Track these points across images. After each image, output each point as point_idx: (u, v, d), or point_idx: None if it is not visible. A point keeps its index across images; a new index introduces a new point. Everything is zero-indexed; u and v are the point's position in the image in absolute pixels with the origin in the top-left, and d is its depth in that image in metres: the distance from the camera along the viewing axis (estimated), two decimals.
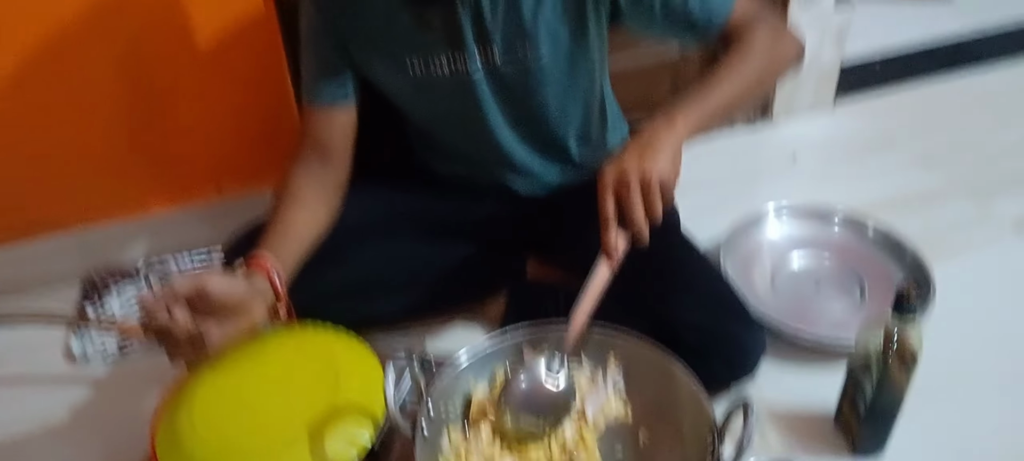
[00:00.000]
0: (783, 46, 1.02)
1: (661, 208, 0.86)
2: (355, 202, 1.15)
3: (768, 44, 0.99)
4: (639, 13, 1.01)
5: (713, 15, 1.00)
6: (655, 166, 0.84)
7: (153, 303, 0.86)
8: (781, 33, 1.02)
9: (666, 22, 1.01)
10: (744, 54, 0.97)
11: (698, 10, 1.00)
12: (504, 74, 1.05)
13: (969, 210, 1.53)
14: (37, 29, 1.21)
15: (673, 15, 1.00)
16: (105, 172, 1.38)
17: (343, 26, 1.05)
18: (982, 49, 2.14)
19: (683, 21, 1.00)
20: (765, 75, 1.00)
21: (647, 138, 0.88)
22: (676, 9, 0.99)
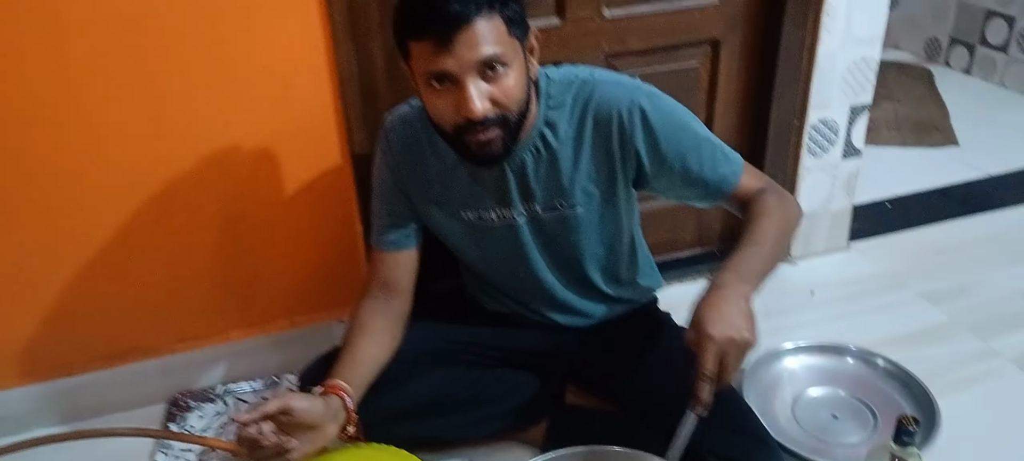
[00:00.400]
0: (790, 209, 1.20)
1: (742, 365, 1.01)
2: (414, 333, 1.31)
3: (780, 208, 1.16)
4: (660, 178, 1.19)
5: (723, 181, 1.18)
6: (752, 332, 1.00)
7: (247, 418, 1.02)
8: (785, 197, 1.20)
9: (684, 186, 1.19)
10: (769, 218, 1.13)
11: (711, 175, 1.18)
12: (544, 222, 1.24)
13: (974, 346, 1.64)
14: (150, 178, 1.43)
15: (689, 180, 1.18)
16: (193, 303, 1.57)
17: (409, 183, 1.26)
18: (990, 193, 2.29)
19: (699, 185, 1.19)
20: (786, 236, 1.18)
21: (734, 300, 1.02)
22: (692, 175, 1.18)
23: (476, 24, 0.99)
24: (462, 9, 0.98)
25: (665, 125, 1.15)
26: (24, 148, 1.35)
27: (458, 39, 0.98)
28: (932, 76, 3.15)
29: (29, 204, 1.39)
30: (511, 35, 1.03)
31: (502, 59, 1.02)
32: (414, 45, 1.03)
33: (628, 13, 1.64)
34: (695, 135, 1.17)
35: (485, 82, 1.03)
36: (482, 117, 1.03)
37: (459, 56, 1.00)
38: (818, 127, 1.84)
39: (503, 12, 1.02)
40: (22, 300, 1.47)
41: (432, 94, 1.06)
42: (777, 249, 1.13)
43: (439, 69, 1.01)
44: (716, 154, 1.18)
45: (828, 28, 1.71)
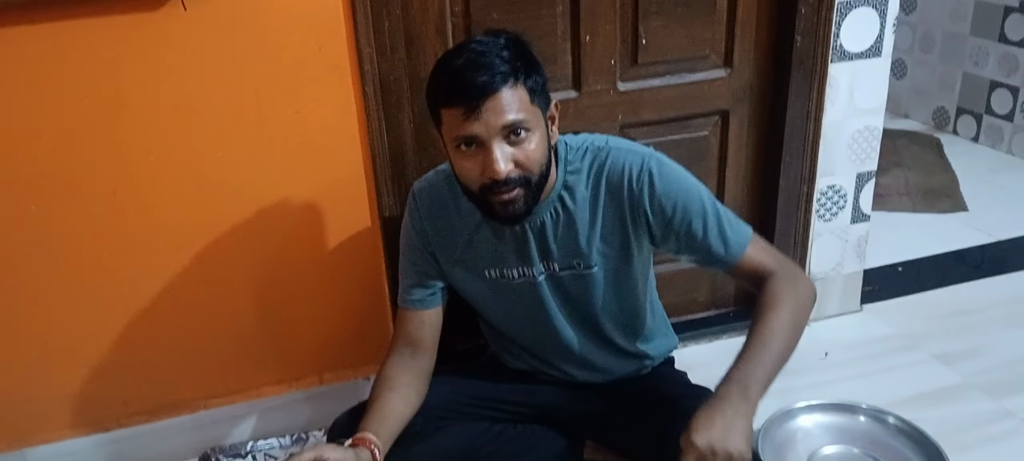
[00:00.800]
0: (803, 292, 1.22)
1: None
2: (438, 389, 1.36)
3: (792, 295, 1.18)
4: (668, 241, 1.26)
5: (729, 252, 1.24)
6: (739, 447, 1.00)
7: None
8: (797, 279, 1.23)
9: (689, 250, 1.26)
10: (778, 310, 1.16)
11: (717, 244, 1.23)
12: (562, 280, 1.30)
13: (988, 407, 1.67)
14: (192, 241, 1.53)
15: (694, 246, 1.24)
16: (227, 359, 1.64)
17: (435, 243, 1.33)
18: (1001, 257, 2.33)
19: (704, 251, 1.24)
20: (799, 327, 1.18)
21: (730, 414, 1.03)
22: (697, 241, 1.24)
23: (502, 93, 1.09)
24: (489, 80, 1.08)
25: (671, 190, 1.22)
26: (79, 210, 1.45)
27: (485, 107, 1.08)
28: (941, 144, 3.22)
29: (80, 264, 1.49)
30: (533, 104, 1.13)
31: (525, 125, 1.11)
32: (445, 112, 1.13)
33: (641, 86, 1.74)
34: (701, 202, 1.23)
35: (509, 146, 1.12)
36: (505, 177, 1.12)
37: (486, 122, 1.09)
38: (827, 193, 1.91)
39: (526, 83, 1.12)
40: (71, 355, 1.56)
41: (460, 156, 1.15)
42: (790, 342, 1.15)
43: (468, 134, 1.11)
44: (722, 223, 1.24)
45: (831, 99, 1.80)
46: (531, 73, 1.13)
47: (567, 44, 1.67)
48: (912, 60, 3.49)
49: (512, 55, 1.11)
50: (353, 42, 1.47)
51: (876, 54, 1.78)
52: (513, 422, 1.42)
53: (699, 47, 1.74)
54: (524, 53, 1.13)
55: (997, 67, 3.10)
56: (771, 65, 1.79)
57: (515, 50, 1.12)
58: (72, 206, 1.45)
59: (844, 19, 1.73)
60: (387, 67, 1.53)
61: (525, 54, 1.13)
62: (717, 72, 1.77)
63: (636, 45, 1.70)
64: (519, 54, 1.12)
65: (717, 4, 1.71)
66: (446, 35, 1.58)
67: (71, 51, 1.34)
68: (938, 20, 3.31)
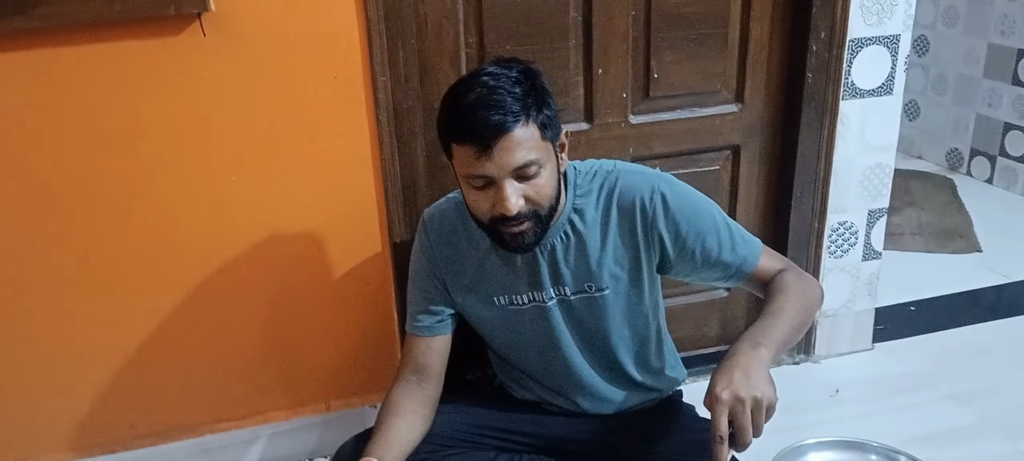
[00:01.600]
0: (810, 286, 1.23)
1: (764, 426, 0.99)
2: (444, 417, 1.35)
3: (800, 285, 1.20)
4: (683, 262, 1.26)
5: (743, 263, 1.24)
6: (764, 389, 0.99)
7: None
8: (805, 276, 1.25)
9: (705, 268, 1.25)
10: (787, 293, 1.18)
11: (730, 257, 1.24)
12: (573, 305, 1.30)
13: (1003, 448, 1.64)
14: (204, 264, 1.54)
15: (710, 262, 1.24)
16: (234, 384, 1.65)
17: (445, 270, 1.33)
18: (1015, 298, 2.31)
19: (719, 267, 1.25)
20: (807, 311, 1.19)
21: (744, 362, 1.02)
22: (712, 257, 1.24)
23: (514, 133, 1.08)
24: (501, 120, 1.08)
25: (685, 209, 1.23)
26: (95, 231, 1.47)
27: (497, 146, 1.08)
28: (954, 185, 3.21)
29: (93, 285, 1.51)
30: (544, 139, 1.13)
31: (536, 163, 1.12)
32: (456, 147, 1.13)
33: (653, 120, 1.75)
34: (713, 218, 1.24)
35: (519, 182, 1.12)
36: (516, 213, 1.12)
37: (498, 162, 1.09)
38: (838, 229, 1.90)
39: (537, 119, 1.12)
40: (80, 376, 1.56)
41: (471, 190, 1.16)
42: (796, 320, 1.15)
43: (479, 172, 1.11)
44: (734, 237, 1.25)
45: (842, 135, 1.80)
46: (542, 107, 1.12)
47: (580, 77, 1.69)
48: (926, 101, 3.49)
49: (524, 91, 1.10)
50: (368, 71, 1.50)
51: (888, 92, 1.79)
52: (519, 452, 1.40)
53: (711, 82, 1.75)
54: (536, 86, 1.13)
55: (1011, 109, 3.09)
56: (782, 101, 1.80)
57: (527, 84, 1.12)
58: (88, 227, 1.47)
59: (855, 57, 1.74)
60: (401, 96, 1.55)
61: (537, 88, 1.13)
62: (728, 107, 1.79)
63: (648, 79, 1.71)
64: (531, 89, 1.12)
65: (729, 40, 1.73)
66: (460, 66, 1.60)
67: (92, 74, 1.37)
68: (951, 62, 3.32)
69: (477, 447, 1.39)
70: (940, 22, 3.33)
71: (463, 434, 1.38)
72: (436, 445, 1.33)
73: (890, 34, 1.74)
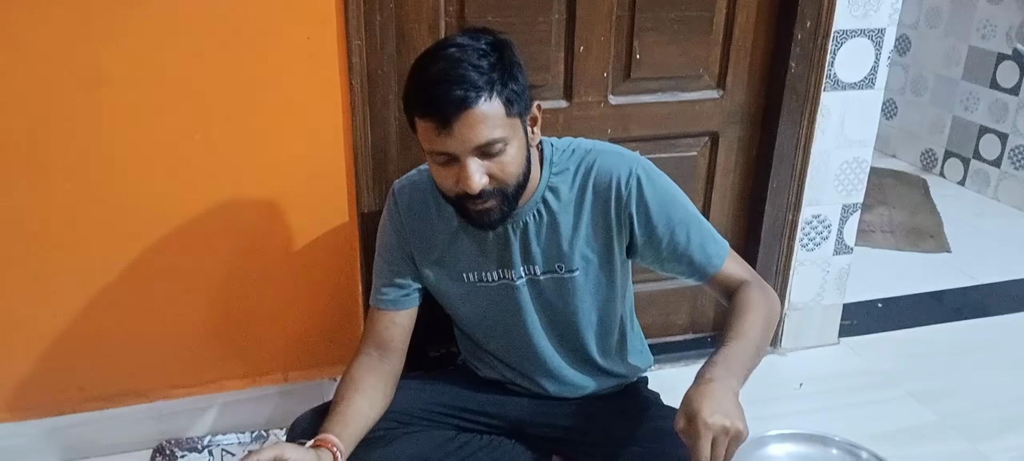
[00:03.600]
0: (772, 303, 1.23)
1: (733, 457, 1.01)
2: (405, 393, 1.32)
3: (762, 303, 1.19)
4: (649, 249, 1.24)
5: (709, 262, 1.23)
6: (743, 424, 1.00)
7: None
8: (767, 291, 1.24)
9: (670, 260, 1.24)
10: (752, 312, 1.16)
11: (698, 255, 1.22)
12: (543, 286, 1.27)
13: (962, 448, 1.65)
14: (160, 223, 1.48)
15: (676, 254, 1.23)
16: (189, 350, 1.59)
17: (413, 243, 1.30)
18: (982, 300, 2.33)
19: (684, 261, 1.23)
20: (768, 330, 1.20)
21: (722, 389, 1.02)
22: (679, 249, 1.22)
23: (476, 108, 1.04)
24: (462, 96, 1.04)
25: (659, 197, 1.21)
26: (48, 186, 1.40)
27: (458, 122, 1.05)
28: (927, 185, 3.23)
29: (43, 241, 1.44)
30: (511, 115, 1.09)
31: (500, 141, 1.08)
32: (419, 121, 1.09)
33: (632, 101, 1.72)
34: (686, 212, 1.22)
35: (483, 159, 1.09)
36: (479, 191, 1.09)
37: (459, 138, 1.06)
38: (811, 222, 1.89)
39: (503, 94, 1.07)
40: (27, 336, 1.50)
41: (435, 166, 1.13)
42: (762, 344, 1.16)
43: (440, 149, 1.08)
44: (704, 234, 1.23)
45: (822, 128, 1.79)
46: (508, 82, 1.08)
47: (561, 53, 1.65)
48: (903, 101, 3.50)
49: (490, 64, 1.06)
50: (343, 33, 1.44)
51: (870, 86, 1.78)
52: (480, 433, 1.38)
53: (693, 66, 1.72)
54: (504, 59, 1.09)
55: (987, 113, 3.11)
56: (764, 89, 1.78)
57: (494, 56, 1.07)
58: (40, 181, 1.40)
59: (840, 48, 1.72)
60: (376, 62, 1.50)
61: (505, 60, 1.09)
62: (710, 93, 1.76)
63: (630, 59, 1.68)
64: (498, 62, 1.07)
65: (714, 24, 1.69)
66: (439, 33, 1.56)
67: (50, 19, 1.30)
68: (931, 63, 3.33)
69: (437, 425, 1.36)
70: (923, 22, 3.34)
71: (423, 412, 1.36)
72: (394, 422, 1.30)
73: (875, 27, 1.73)
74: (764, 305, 1.19)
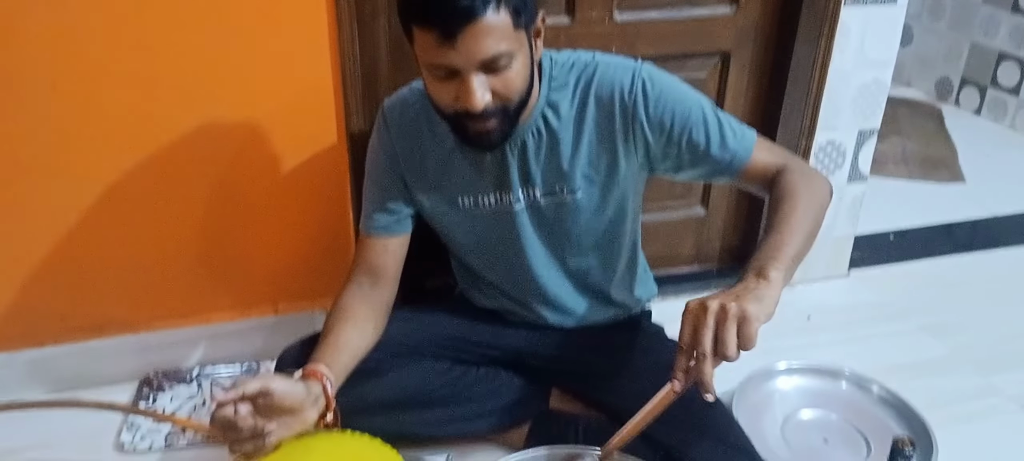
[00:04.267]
0: (819, 185, 1.11)
1: (734, 345, 0.87)
2: (398, 324, 1.27)
3: (808, 186, 1.07)
4: (668, 157, 1.15)
5: (735, 158, 1.13)
6: (736, 303, 0.87)
7: (224, 398, 0.97)
8: (810, 174, 1.12)
9: (693, 164, 1.15)
10: (796, 201, 1.04)
11: (718, 151, 1.13)
12: (542, 207, 1.20)
13: (974, 382, 1.60)
14: (139, 147, 1.40)
15: (697, 156, 1.14)
16: (175, 280, 1.53)
17: (405, 166, 1.22)
18: (995, 232, 2.26)
19: (708, 162, 1.14)
20: (817, 215, 1.07)
21: (740, 288, 0.91)
22: (699, 150, 1.13)
23: (483, 19, 0.96)
24: (470, 5, 0.95)
25: (668, 99, 1.12)
26: (15, 104, 1.31)
27: (464, 34, 0.96)
28: (942, 115, 3.12)
29: (14, 163, 1.36)
30: (517, 27, 1.00)
31: (506, 54, 1.00)
32: (418, 31, 1.00)
33: (639, 18, 1.61)
34: (701, 109, 1.13)
35: (487, 74, 1.01)
36: (482, 109, 1.01)
37: (464, 52, 0.97)
38: (825, 148, 1.81)
39: (510, 4, 0.98)
40: (1, 262, 1.43)
41: (433, 80, 1.04)
42: (805, 228, 1.02)
43: (442, 62, 0.99)
44: (724, 129, 1.14)
45: (841, 47, 1.68)
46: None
47: None
48: (920, 27, 3.36)
49: None
50: None
51: (891, 1, 1.66)
52: (476, 365, 1.33)
53: None
54: None
55: (1007, 39, 2.99)
56: (779, 4, 1.67)
57: None
58: (7, 100, 1.31)
59: None
60: None
61: None
62: (722, 8, 1.65)
63: None
64: None
65: None
66: None
67: None
68: None
69: (431, 357, 1.31)
70: None
71: (417, 342, 1.31)
72: (388, 354, 1.25)
73: None
74: (806, 188, 1.06)
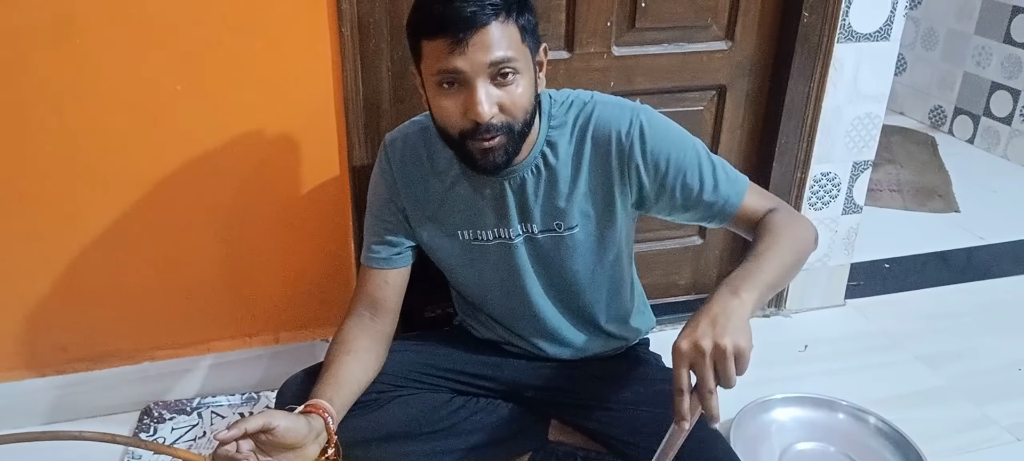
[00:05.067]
0: (803, 228, 1.14)
1: (735, 376, 0.90)
2: (398, 355, 1.28)
3: (791, 227, 1.11)
4: (662, 199, 1.17)
5: (726, 203, 1.15)
6: (729, 337, 0.89)
7: (227, 436, 0.97)
8: (797, 217, 1.16)
9: (685, 208, 1.17)
10: (776, 234, 1.08)
11: (712, 197, 1.15)
12: (540, 243, 1.21)
13: (970, 413, 1.61)
14: (144, 178, 1.41)
15: (690, 200, 1.16)
16: (176, 310, 1.54)
17: (406, 199, 1.24)
18: (990, 261, 2.28)
19: (701, 206, 1.16)
20: (797, 253, 1.10)
21: (716, 310, 0.93)
22: (692, 195, 1.15)
23: (491, 27, 1.00)
24: (478, 10, 0.99)
25: (664, 142, 1.14)
26: (23, 136, 1.34)
27: (472, 40, 0.99)
28: (935, 143, 3.16)
29: (20, 194, 1.38)
30: (524, 43, 1.04)
31: (513, 65, 1.03)
32: (427, 44, 1.03)
33: (637, 52, 1.64)
34: (696, 153, 1.16)
35: (495, 87, 1.03)
36: (489, 120, 1.03)
37: (472, 57, 1.00)
38: (820, 180, 1.83)
39: (518, 20, 1.03)
40: (5, 292, 1.44)
41: (441, 95, 1.05)
42: (783, 262, 1.05)
43: (451, 67, 1.01)
44: (718, 173, 1.16)
45: (834, 82, 1.71)
46: (523, 10, 1.04)
47: (562, 0, 1.56)
48: (913, 56, 3.41)
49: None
50: None
51: (884, 37, 1.70)
52: (475, 396, 1.34)
53: (701, 15, 1.64)
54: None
55: (999, 69, 3.03)
56: (775, 40, 1.70)
57: None
58: (14, 130, 1.33)
59: None
60: (367, 7, 1.42)
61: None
62: (718, 44, 1.68)
63: (635, 8, 1.60)
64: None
65: None
66: None
67: None
68: (943, 17, 3.24)
69: (431, 389, 1.32)
70: None
71: (417, 374, 1.31)
72: (388, 385, 1.26)
73: None
74: (789, 227, 1.09)
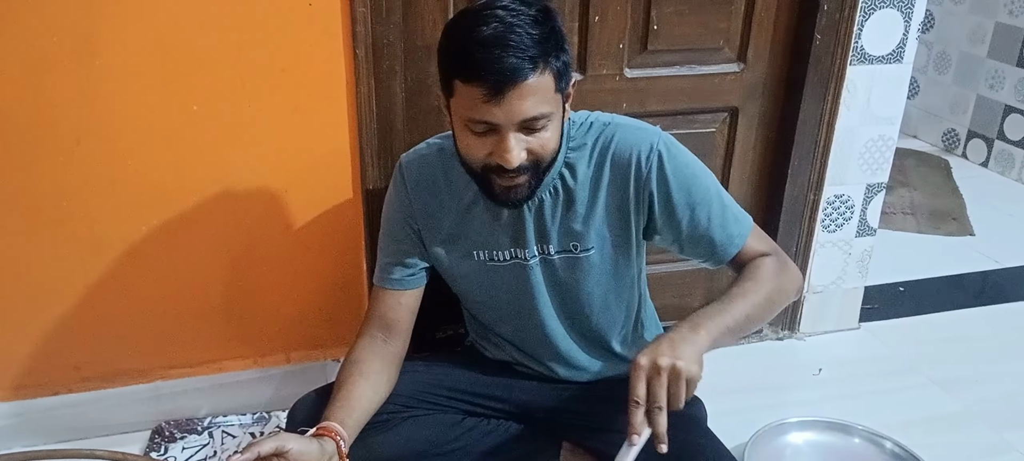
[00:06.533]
0: (788, 279, 1.17)
1: (683, 401, 0.97)
2: (409, 376, 1.27)
3: (776, 275, 1.15)
4: (669, 229, 1.18)
5: (730, 241, 1.17)
6: (684, 362, 0.97)
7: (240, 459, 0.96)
8: (787, 267, 1.18)
9: (690, 241, 1.18)
10: (757, 281, 1.13)
11: (718, 234, 1.16)
12: (556, 264, 1.21)
13: (988, 439, 1.59)
14: (160, 200, 1.43)
15: (696, 235, 1.17)
16: (189, 330, 1.54)
17: (421, 220, 1.24)
18: (1006, 285, 2.25)
19: (705, 242, 1.17)
20: (773, 302, 1.15)
21: (677, 338, 1.01)
22: (699, 229, 1.16)
23: (529, 81, 0.98)
24: (518, 65, 0.97)
25: (680, 173, 1.15)
26: (41, 158, 1.35)
27: (510, 94, 0.98)
28: (949, 167, 3.14)
29: (37, 215, 1.39)
30: (557, 91, 1.04)
31: (546, 117, 1.03)
32: (461, 86, 1.01)
33: (649, 74, 1.65)
34: (707, 190, 1.16)
35: (525, 134, 1.03)
36: (516, 167, 1.04)
37: (507, 110, 0.99)
38: (833, 202, 1.82)
39: (554, 66, 1.01)
40: (21, 313, 1.45)
41: (468, 135, 1.05)
42: (755, 310, 1.10)
43: (485, 119, 1.01)
44: (726, 213, 1.17)
45: (847, 104, 1.71)
46: (559, 54, 1.02)
47: (575, 23, 1.57)
48: (926, 80, 3.41)
49: (543, 34, 0.99)
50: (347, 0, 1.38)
51: (897, 60, 1.70)
52: (487, 417, 1.33)
53: (713, 38, 1.64)
54: (556, 30, 1.02)
55: (1013, 92, 3.02)
56: (787, 63, 1.71)
57: (547, 26, 1.01)
58: (33, 153, 1.34)
59: (867, 20, 1.64)
60: (381, 30, 1.44)
61: (556, 31, 1.02)
62: (730, 66, 1.68)
63: (647, 30, 1.61)
64: (551, 32, 1.01)
65: None
66: (447, 2, 1.49)
67: None
68: (956, 40, 3.23)
69: (442, 409, 1.31)
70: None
71: (428, 395, 1.31)
72: (399, 406, 1.25)
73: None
74: (773, 278, 1.14)
